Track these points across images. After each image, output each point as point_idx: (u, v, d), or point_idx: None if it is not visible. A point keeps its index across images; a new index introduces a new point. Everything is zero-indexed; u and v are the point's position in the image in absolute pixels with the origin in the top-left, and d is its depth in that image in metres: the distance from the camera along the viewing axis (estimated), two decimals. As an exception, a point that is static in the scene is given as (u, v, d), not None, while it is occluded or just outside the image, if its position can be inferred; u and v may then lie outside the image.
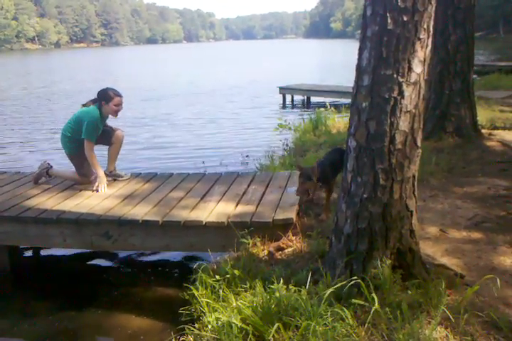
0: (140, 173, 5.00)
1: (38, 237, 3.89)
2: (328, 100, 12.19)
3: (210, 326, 2.37)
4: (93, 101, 4.47)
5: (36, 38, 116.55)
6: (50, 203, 4.06)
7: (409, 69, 2.39)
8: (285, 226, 3.44)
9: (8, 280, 4.07)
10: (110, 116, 4.54)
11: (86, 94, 16.60)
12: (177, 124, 11.36)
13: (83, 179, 4.57)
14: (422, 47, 2.42)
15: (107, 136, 4.60)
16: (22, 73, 32.29)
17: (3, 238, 3.95)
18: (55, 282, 3.99)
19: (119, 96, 4.44)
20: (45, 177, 4.72)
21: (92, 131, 4.34)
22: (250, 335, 2.21)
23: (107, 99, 4.39)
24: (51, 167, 4.73)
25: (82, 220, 3.73)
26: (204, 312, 2.56)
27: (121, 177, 4.75)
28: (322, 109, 8.52)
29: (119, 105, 4.44)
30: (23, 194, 4.35)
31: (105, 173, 4.66)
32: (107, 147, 4.75)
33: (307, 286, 2.46)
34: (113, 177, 4.72)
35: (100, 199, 4.14)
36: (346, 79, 16.68)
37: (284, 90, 14.67)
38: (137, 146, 8.70)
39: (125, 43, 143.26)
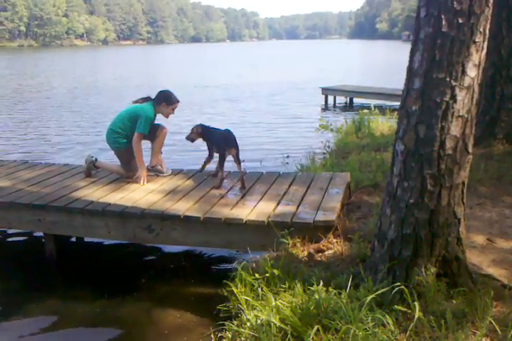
0: (182, 169, 5.07)
1: (83, 228, 4.02)
2: (371, 102, 12.00)
3: (248, 324, 2.39)
4: (144, 99, 4.58)
5: (85, 35, 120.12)
6: (97, 195, 4.19)
7: (463, 72, 2.34)
8: (326, 228, 3.41)
9: (54, 268, 4.23)
10: (158, 116, 4.66)
11: (133, 91, 17.04)
12: (219, 123, 11.42)
13: (128, 174, 4.68)
14: (477, 51, 2.37)
15: (151, 131, 4.69)
16: (72, 69, 33.38)
17: (51, 227, 4.11)
18: (97, 272, 4.12)
19: (178, 101, 4.66)
20: (93, 169, 4.88)
21: (147, 126, 4.49)
22: (289, 336, 2.21)
23: (168, 101, 4.57)
24: (96, 160, 4.87)
25: (126, 213, 3.83)
26: (242, 310, 2.58)
27: (162, 173, 4.83)
28: (365, 111, 8.39)
29: (174, 110, 4.65)
30: (70, 185, 4.51)
31: (147, 168, 4.76)
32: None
33: (347, 290, 2.44)
34: (155, 172, 4.81)
35: (144, 193, 4.24)
36: (390, 81, 16.43)
37: (326, 91, 14.57)
38: (180, 144, 8.80)
39: (170, 41, 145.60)
